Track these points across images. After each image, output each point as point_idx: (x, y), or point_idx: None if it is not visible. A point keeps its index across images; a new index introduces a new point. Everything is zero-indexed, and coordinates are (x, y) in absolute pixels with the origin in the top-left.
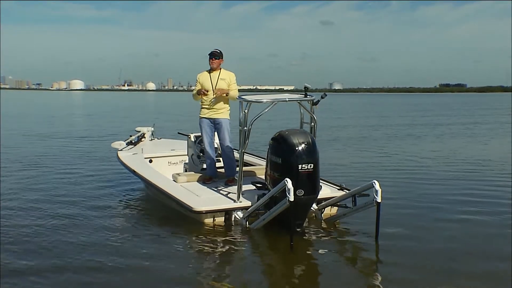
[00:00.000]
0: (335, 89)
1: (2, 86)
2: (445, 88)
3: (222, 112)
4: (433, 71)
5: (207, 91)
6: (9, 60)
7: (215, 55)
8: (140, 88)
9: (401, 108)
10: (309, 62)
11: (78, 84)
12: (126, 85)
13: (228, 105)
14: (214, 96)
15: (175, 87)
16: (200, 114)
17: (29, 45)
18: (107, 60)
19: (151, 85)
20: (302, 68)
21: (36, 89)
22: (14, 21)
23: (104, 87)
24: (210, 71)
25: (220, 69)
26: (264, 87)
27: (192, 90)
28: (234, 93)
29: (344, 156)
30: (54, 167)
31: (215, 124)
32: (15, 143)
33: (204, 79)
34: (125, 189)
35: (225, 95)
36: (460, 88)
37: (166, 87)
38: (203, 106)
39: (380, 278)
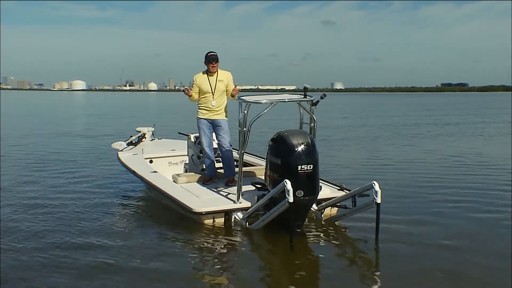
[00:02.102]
0: (336, 88)
1: (4, 86)
2: (447, 87)
3: (221, 113)
4: (434, 71)
5: (188, 91)
6: (11, 60)
7: (214, 59)
8: (142, 88)
9: (407, 108)
10: (310, 62)
11: (79, 84)
12: (127, 85)
13: (226, 106)
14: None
15: (176, 87)
16: (198, 115)
17: (31, 46)
18: (109, 60)
19: (152, 85)
20: (304, 68)
21: (38, 89)
22: (16, 21)
23: (105, 87)
24: (207, 73)
25: (217, 70)
26: (265, 87)
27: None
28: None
29: (346, 156)
30: (54, 167)
31: (214, 125)
32: (15, 143)
33: (202, 81)
34: (125, 189)
35: (230, 95)
36: (461, 87)
37: (168, 87)
38: (201, 107)
39: (380, 279)
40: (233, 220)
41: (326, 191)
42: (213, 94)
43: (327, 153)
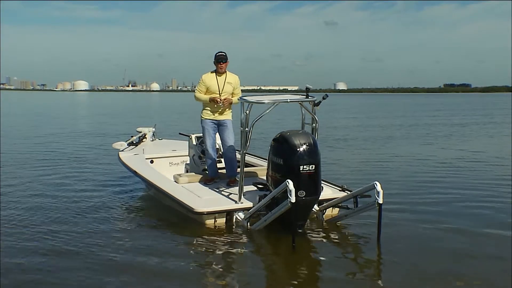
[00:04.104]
0: (339, 89)
1: (7, 86)
2: (450, 88)
3: (227, 113)
4: (437, 71)
5: (220, 100)
6: (14, 60)
7: (223, 59)
8: (144, 88)
9: (413, 108)
10: (313, 62)
11: (82, 84)
12: (130, 85)
13: (230, 106)
14: (222, 102)
15: (179, 88)
16: (202, 115)
17: (33, 46)
18: (112, 60)
19: (155, 86)
20: (306, 68)
21: (41, 89)
22: (19, 21)
23: (108, 87)
24: (216, 73)
25: (226, 71)
26: (268, 88)
27: (194, 91)
28: (237, 98)
29: (349, 156)
30: (54, 167)
31: (220, 125)
32: (15, 143)
33: (211, 82)
34: (126, 189)
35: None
36: (464, 88)
37: (170, 88)
38: (207, 108)
39: (381, 280)
40: (234, 220)
41: (328, 192)
42: (220, 95)
43: (332, 153)
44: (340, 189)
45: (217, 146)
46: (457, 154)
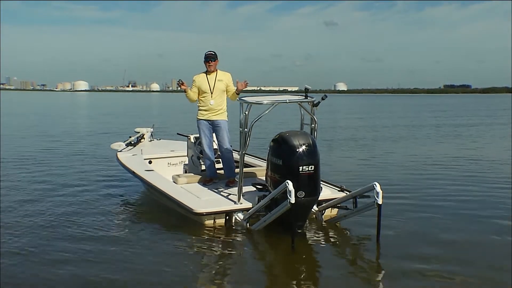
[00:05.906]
0: (338, 90)
1: (7, 87)
2: (450, 89)
3: (220, 113)
4: (437, 72)
5: (184, 84)
6: (14, 61)
7: (211, 58)
8: (144, 89)
9: (416, 109)
10: (313, 62)
11: (82, 85)
12: (130, 86)
13: (225, 107)
14: (237, 91)
15: (179, 88)
16: (197, 116)
17: (34, 46)
18: (112, 61)
19: (155, 86)
20: (306, 69)
21: (41, 90)
22: (19, 21)
23: (108, 88)
24: (206, 73)
25: (217, 70)
26: (268, 88)
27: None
28: (234, 94)
29: (349, 157)
30: (53, 168)
31: (214, 126)
32: (13, 143)
33: (202, 81)
34: (125, 190)
35: (236, 92)
36: (464, 89)
37: (170, 88)
38: (201, 108)
39: (381, 280)
40: (234, 220)
41: (327, 192)
42: (211, 93)
43: (332, 154)
44: (339, 189)
45: (215, 147)
46: (459, 154)
